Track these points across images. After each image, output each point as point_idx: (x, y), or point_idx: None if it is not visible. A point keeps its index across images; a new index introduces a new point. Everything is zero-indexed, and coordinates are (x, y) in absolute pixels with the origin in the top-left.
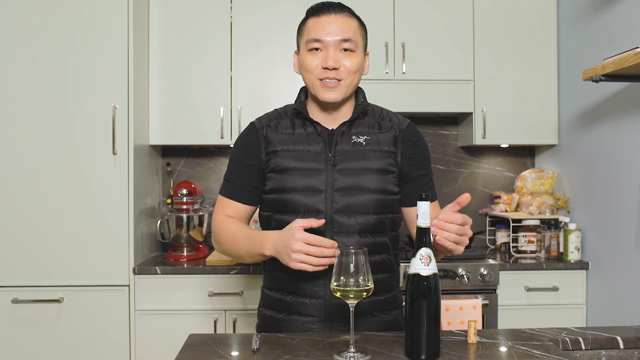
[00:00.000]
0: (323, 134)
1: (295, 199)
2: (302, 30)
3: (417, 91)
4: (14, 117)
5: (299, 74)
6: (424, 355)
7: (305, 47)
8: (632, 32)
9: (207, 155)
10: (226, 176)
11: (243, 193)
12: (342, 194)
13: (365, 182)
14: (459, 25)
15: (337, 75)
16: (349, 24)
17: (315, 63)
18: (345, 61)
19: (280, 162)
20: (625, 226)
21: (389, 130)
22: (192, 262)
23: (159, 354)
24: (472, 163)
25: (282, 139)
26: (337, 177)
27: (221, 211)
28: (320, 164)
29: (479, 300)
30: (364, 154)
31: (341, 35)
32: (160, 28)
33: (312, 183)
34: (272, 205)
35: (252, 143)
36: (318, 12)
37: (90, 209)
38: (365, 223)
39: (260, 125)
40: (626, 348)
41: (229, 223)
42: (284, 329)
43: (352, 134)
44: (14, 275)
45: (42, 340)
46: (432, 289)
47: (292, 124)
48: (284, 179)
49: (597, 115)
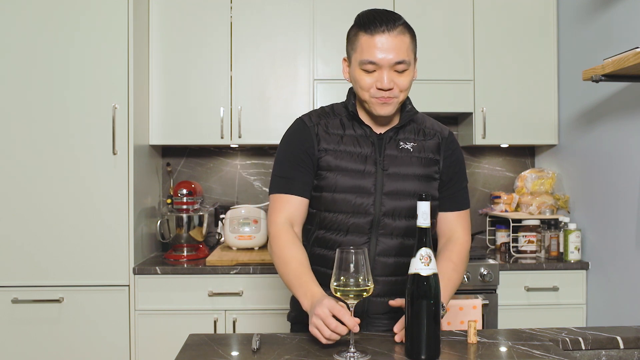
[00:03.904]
0: (372, 137)
1: (346, 199)
2: (354, 44)
3: (416, 91)
4: (13, 117)
5: (350, 82)
6: (424, 355)
7: (358, 65)
8: (632, 32)
9: (207, 155)
10: (277, 173)
11: (300, 186)
12: (390, 197)
13: (411, 187)
14: (459, 25)
15: (391, 94)
16: (402, 43)
17: (370, 82)
18: (398, 80)
19: (332, 161)
20: (625, 226)
21: (432, 137)
22: (192, 262)
23: (159, 354)
24: (472, 163)
25: (333, 138)
26: (387, 181)
27: (280, 212)
28: (371, 166)
29: (479, 300)
30: (410, 160)
31: (396, 58)
32: (160, 28)
33: (364, 184)
34: (319, 203)
35: (306, 139)
36: (371, 29)
37: (90, 209)
38: (409, 227)
39: (312, 123)
40: (626, 348)
41: (287, 242)
42: None
43: (399, 139)
44: (14, 275)
45: (42, 340)
46: (432, 289)
47: (342, 124)
48: (334, 178)
49: (597, 115)
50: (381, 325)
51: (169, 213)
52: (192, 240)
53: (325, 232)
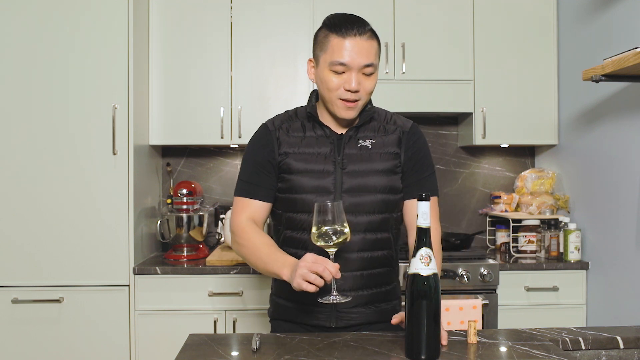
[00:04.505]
0: (332, 137)
1: (307, 199)
2: (324, 45)
3: (417, 91)
4: (14, 117)
5: (315, 82)
6: (424, 355)
7: (327, 66)
8: (632, 32)
9: (207, 155)
10: (242, 177)
11: (261, 191)
12: (350, 195)
13: (371, 183)
14: (459, 25)
15: (357, 97)
16: (371, 47)
17: (338, 83)
18: (365, 83)
19: (291, 164)
20: (625, 226)
21: (393, 132)
22: (192, 262)
23: (159, 354)
24: (472, 163)
25: (293, 141)
26: (346, 179)
27: (242, 213)
28: (330, 166)
29: (479, 300)
30: (370, 156)
31: (365, 60)
32: (160, 28)
33: (322, 184)
34: (284, 204)
35: (267, 144)
36: (342, 31)
37: (90, 209)
38: (371, 222)
39: (274, 128)
40: (626, 348)
41: (252, 232)
42: (293, 318)
43: (359, 138)
44: (14, 275)
45: (42, 340)
46: (432, 289)
47: (303, 127)
48: (296, 180)
49: (597, 115)
50: (350, 319)
51: (169, 213)
52: (192, 240)
53: (292, 232)
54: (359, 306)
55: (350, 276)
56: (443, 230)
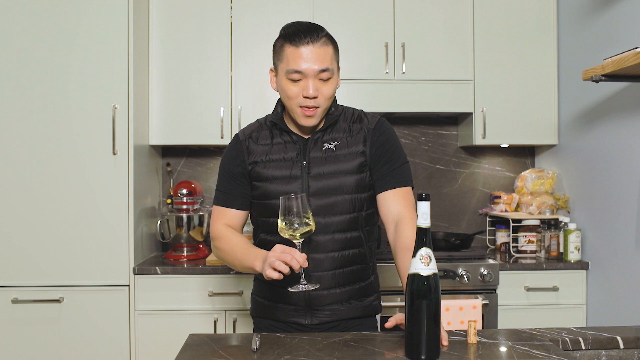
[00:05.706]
0: (298, 143)
1: (276, 204)
2: (280, 55)
3: (417, 91)
4: (13, 117)
5: (277, 91)
6: (424, 355)
7: (285, 75)
8: (632, 32)
9: (207, 155)
10: (218, 187)
11: (236, 200)
12: (317, 197)
13: (337, 185)
14: (459, 25)
15: (316, 103)
16: (325, 53)
17: (296, 91)
18: (323, 89)
19: (261, 172)
20: (625, 226)
21: (358, 132)
22: (192, 262)
23: (159, 354)
24: (472, 163)
25: (262, 150)
26: (312, 182)
27: (219, 220)
28: (297, 171)
29: (479, 300)
30: (335, 158)
31: (320, 66)
32: (160, 28)
33: (291, 189)
34: (258, 210)
35: (237, 155)
36: (296, 40)
37: (90, 209)
38: (340, 222)
39: (244, 137)
40: (626, 348)
41: (229, 235)
42: (271, 315)
43: (324, 140)
44: (14, 275)
45: (42, 340)
46: (432, 289)
47: (271, 134)
48: (265, 187)
49: (597, 115)
50: (324, 316)
51: (169, 213)
52: (192, 240)
53: (266, 235)
54: (334, 304)
55: (323, 275)
56: (443, 230)
